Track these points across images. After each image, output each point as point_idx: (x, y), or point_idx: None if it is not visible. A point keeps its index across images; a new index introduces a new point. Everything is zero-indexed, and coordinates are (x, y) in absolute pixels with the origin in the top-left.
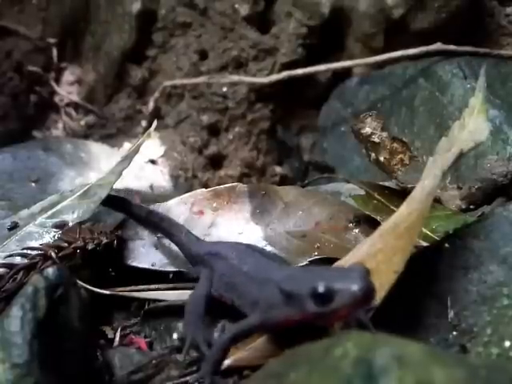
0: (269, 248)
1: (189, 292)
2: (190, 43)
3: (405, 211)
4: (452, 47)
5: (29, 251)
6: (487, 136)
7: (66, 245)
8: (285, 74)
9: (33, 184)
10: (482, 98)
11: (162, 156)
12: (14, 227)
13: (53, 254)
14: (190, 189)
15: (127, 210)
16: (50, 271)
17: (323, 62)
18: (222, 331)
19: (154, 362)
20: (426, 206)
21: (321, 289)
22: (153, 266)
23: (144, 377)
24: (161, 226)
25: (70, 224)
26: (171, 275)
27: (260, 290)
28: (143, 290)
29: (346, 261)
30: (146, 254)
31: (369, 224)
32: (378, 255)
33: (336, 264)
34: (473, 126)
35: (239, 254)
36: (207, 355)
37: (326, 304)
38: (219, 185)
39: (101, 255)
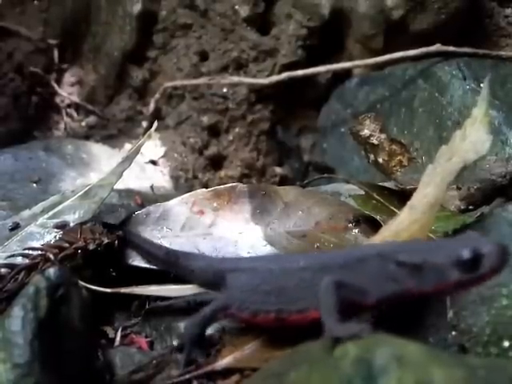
0: (269, 248)
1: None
2: (191, 44)
3: (406, 219)
4: (451, 48)
5: (30, 251)
6: (488, 148)
7: (67, 245)
8: (285, 75)
9: (34, 184)
10: (484, 108)
11: (163, 157)
12: (16, 228)
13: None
14: (190, 189)
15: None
16: (52, 271)
17: (323, 63)
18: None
19: (154, 361)
20: (430, 218)
21: (467, 254)
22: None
23: (145, 376)
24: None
25: (71, 224)
26: (172, 275)
27: (354, 273)
28: None
29: None
30: None
31: (368, 224)
32: None
33: None
34: (474, 136)
35: (266, 260)
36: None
37: (472, 270)
38: (219, 185)
39: (102, 255)
